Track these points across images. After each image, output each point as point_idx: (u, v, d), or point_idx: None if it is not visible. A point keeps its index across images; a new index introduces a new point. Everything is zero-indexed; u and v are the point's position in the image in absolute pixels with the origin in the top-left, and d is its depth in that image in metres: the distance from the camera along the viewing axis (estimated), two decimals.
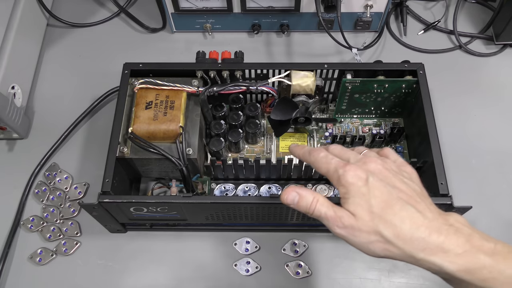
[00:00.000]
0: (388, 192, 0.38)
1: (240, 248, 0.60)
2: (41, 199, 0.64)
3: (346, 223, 0.38)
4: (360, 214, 0.37)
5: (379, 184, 0.38)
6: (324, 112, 0.69)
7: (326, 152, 0.42)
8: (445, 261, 0.36)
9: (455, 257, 0.35)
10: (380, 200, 0.37)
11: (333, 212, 0.39)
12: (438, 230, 0.36)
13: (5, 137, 0.69)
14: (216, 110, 0.62)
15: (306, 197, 0.40)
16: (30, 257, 0.61)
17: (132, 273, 0.60)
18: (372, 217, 0.37)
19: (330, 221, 0.39)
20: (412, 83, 0.60)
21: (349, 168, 0.39)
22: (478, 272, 0.35)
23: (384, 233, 0.37)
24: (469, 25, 0.79)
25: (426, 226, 0.36)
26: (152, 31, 0.79)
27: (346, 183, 0.39)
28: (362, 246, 0.38)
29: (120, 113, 0.58)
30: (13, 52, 0.68)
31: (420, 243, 0.36)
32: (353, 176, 0.38)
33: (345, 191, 0.39)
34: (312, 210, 0.40)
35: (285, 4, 0.72)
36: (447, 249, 0.36)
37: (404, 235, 0.36)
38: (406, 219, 0.37)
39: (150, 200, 0.53)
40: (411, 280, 0.58)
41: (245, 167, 0.59)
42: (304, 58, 0.76)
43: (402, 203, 0.37)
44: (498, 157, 0.66)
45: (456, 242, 0.36)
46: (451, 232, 0.36)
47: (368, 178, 0.38)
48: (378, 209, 0.37)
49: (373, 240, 0.37)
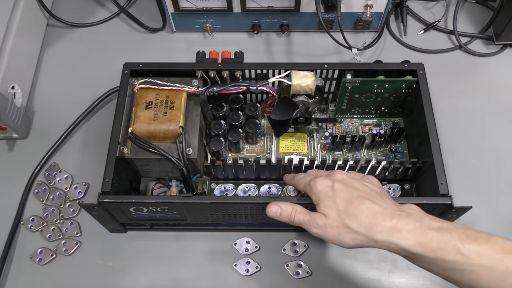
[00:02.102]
0: (349, 193, 0.46)
1: (240, 248, 0.60)
2: (41, 199, 0.64)
3: (319, 223, 0.46)
4: (329, 213, 0.45)
5: (343, 187, 0.46)
6: (324, 112, 0.69)
7: (305, 174, 0.52)
8: (400, 239, 0.42)
9: (407, 234, 0.42)
10: (343, 199, 0.45)
11: (309, 217, 0.47)
12: (391, 215, 0.44)
13: (5, 137, 0.69)
14: (216, 110, 0.62)
15: (286, 209, 0.49)
16: (30, 257, 0.61)
17: (132, 273, 0.60)
18: (339, 213, 0.45)
19: (308, 224, 0.47)
20: (412, 83, 0.60)
21: (318, 179, 0.48)
22: (428, 245, 0.41)
23: (350, 224, 0.44)
24: (469, 25, 0.79)
25: (381, 213, 0.44)
26: (152, 31, 0.79)
27: (316, 191, 0.47)
28: (334, 239, 0.45)
29: (120, 113, 0.58)
30: (13, 52, 0.68)
31: (377, 227, 0.43)
32: (321, 185, 0.47)
33: (316, 198, 0.47)
34: (293, 218, 0.48)
35: (285, 4, 0.72)
36: (399, 229, 0.42)
37: (364, 222, 0.44)
38: (365, 210, 0.44)
39: (150, 200, 0.53)
40: (411, 280, 0.58)
41: (245, 167, 0.59)
42: (304, 58, 0.76)
43: (361, 199, 0.45)
44: (498, 157, 0.66)
45: (407, 223, 0.43)
46: (403, 216, 0.43)
47: (334, 184, 0.46)
48: (342, 206, 0.45)
49: (342, 232, 0.44)
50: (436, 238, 0.41)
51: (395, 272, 0.59)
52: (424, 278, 0.58)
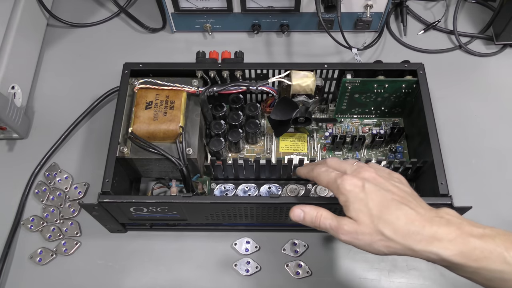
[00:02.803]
0: (383, 195, 0.42)
1: (240, 248, 0.60)
2: (41, 199, 0.64)
3: (348, 229, 0.42)
4: (361, 218, 0.41)
5: (374, 189, 0.42)
6: (324, 112, 0.69)
7: (326, 166, 0.47)
8: (440, 249, 0.39)
9: (448, 243, 0.39)
10: (377, 203, 0.41)
11: (336, 222, 0.43)
12: (430, 222, 0.40)
13: (5, 137, 0.69)
14: (216, 110, 0.62)
15: (310, 213, 0.45)
16: (30, 257, 0.61)
17: (132, 273, 0.60)
18: (372, 219, 0.41)
19: (335, 230, 0.43)
20: (412, 83, 0.60)
21: (346, 178, 0.43)
22: (471, 254, 0.38)
23: (384, 232, 0.40)
24: (469, 25, 0.79)
25: (419, 220, 0.40)
26: (152, 31, 0.79)
27: (345, 191, 0.42)
28: (366, 247, 0.42)
29: (120, 113, 0.58)
30: (13, 52, 0.68)
31: (416, 235, 0.40)
32: (351, 184, 0.42)
33: (344, 199, 0.43)
34: (318, 223, 0.44)
35: (285, 4, 0.72)
36: (440, 238, 0.39)
37: (402, 230, 0.40)
38: (402, 216, 0.41)
39: (150, 200, 0.53)
40: (411, 280, 0.58)
41: (245, 167, 0.59)
42: (304, 58, 0.76)
43: (396, 204, 0.41)
44: (498, 157, 0.66)
45: (447, 231, 0.40)
46: (442, 223, 0.40)
47: (364, 184, 0.42)
48: (376, 211, 0.41)
49: (376, 239, 0.41)
50: (480, 247, 0.38)
51: (395, 272, 0.59)
52: (424, 278, 0.59)
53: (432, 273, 0.59)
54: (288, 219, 0.57)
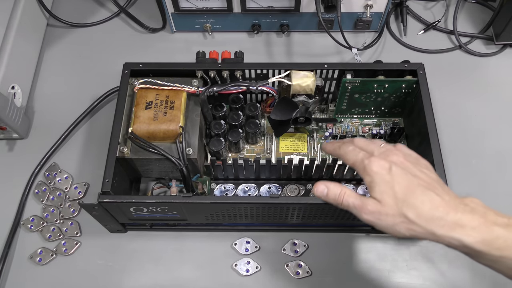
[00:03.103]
0: (409, 180, 0.42)
1: (240, 248, 0.60)
2: (41, 199, 0.64)
3: (372, 209, 0.42)
4: (386, 199, 0.42)
5: (401, 172, 0.43)
6: (324, 112, 0.69)
7: (353, 145, 0.47)
8: (463, 235, 0.39)
9: (471, 230, 0.39)
10: (402, 186, 0.42)
11: (359, 201, 0.43)
12: (454, 209, 0.41)
13: (5, 137, 0.69)
14: (216, 110, 0.62)
15: (333, 190, 0.46)
16: (30, 257, 0.61)
17: (132, 273, 0.60)
18: (396, 201, 0.41)
19: (358, 208, 0.43)
20: (412, 83, 0.60)
21: (374, 159, 0.44)
22: (494, 242, 0.39)
23: (408, 215, 0.41)
24: (469, 25, 0.79)
25: (444, 206, 0.41)
26: (152, 31, 0.79)
27: (371, 172, 0.43)
28: (388, 228, 0.42)
29: (120, 113, 0.58)
30: (13, 52, 0.68)
31: (439, 221, 0.40)
32: (378, 166, 0.43)
33: (370, 180, 0.43)
34: (341, 201, 0.45)
35: (285, 4, 0.72)
36: (463, 224, 0.40)
37: (425, 215, 0.41)
38: (426, 201, 0.41)
39: (150, 200, 0.53)
40: (411, 280, 0.58)
41: (245, 167, 0.59)
42: (304, 58, 0.76)
43: (422, 189, 0.42)
44: (498, 157, 0.66)
45: (471, 218, 0.40)
46: (467, 210, 0.41)
47: (391, 167, 0.43)
48: (401, 194, 0.42)
49: (398, 221, 0.41)
50: (503, 236, 0.39)
51: (395, 272, 0.59)
52: (424, 278, 0.59)
53: (432, 273, 0.59)
54: (288, 219, 0.57)
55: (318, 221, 0.58)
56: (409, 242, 0.61)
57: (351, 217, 0.56)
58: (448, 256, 0.60)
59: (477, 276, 0.58)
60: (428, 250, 0.60)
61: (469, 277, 0.58)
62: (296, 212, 0.55)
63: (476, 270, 0.59)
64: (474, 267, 0.59)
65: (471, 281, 0.58)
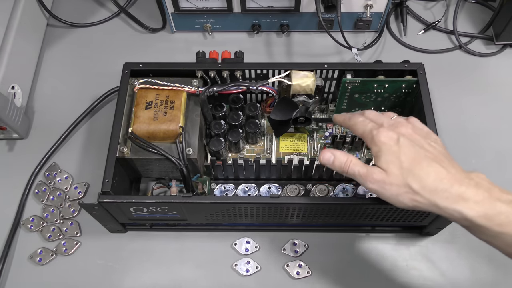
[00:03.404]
0: (416, 151, 0.43)
1: (240, 248, 0.60)
2: (41, 199, 0.64)
3: (377, 178, 0.43)
4: (391, 169, 0.42)
5: (409, 143, 0.43)
6: (324, 112, 0.69)
7: (364, 117, 0.48)
8: (465, 208, 0.40)
9: (474, 204, 0.40)
10: (409, 157, 0.42)
11: (365, 170, 0.44)
12: (459, 182, 0.41)
13: (5, 137, 0.69)
14: (216, 110, 0.62)
15: (340, 158, 0.46)
16: (30, 257, 0.61)
17: (132, 273, 0.60)
18: (402, 171, 0.42)
19: (363, 177, 0.44)
20: (412, 83, 0.60)
21: (382, 130, 0.44)
22: (495, 218, 0.39)
23: (412, 185, 0.41)
24: (469, 25, 0.79)
25: (449, 179, 0.41)
26: (152, 31, 0.79)
27: (379, 142, 0.44)
28: (392, 198, 0.43)
29: (120, 113, 0.58)
30: (13, 52, 0.68)
31: (443, 193, 0.40)
32: (386, 136, 0.44)
33: (377, 149, 0.44)
34: (347, 168, 0.45)
35: (285, 4, 0.72)
36: (467, 198, 0.40)
37: (430, 186, 0.41)
38: (432, 173, 0.41)
39: (150, 200, 0.53)
40: (411, 280, 0.58)
41: (245, 167, 0.59)
42: (304, 58, 0.76)
43: (428, 160, 0.42)
44: (498, 157, 0.66)
45: (475, 192, 0.40)
46: (471, 184, 0.41)
47: (399, 138, 0.43)
48: (407, 164, 0.42)
49: (402, 192, 0.42)
50: (505, 211, 0.39)
51: (395, 272, 0.59)
52: (424, 278, 0.59)
53: (432, 273, 0.59)
54: (288, 219, 0.57)
55: (318, 221, 0.58)
56: (409, 242, 0.61)
57: (351, 217, 0.56)
58: (448, 256, 0.60)
59: (477, 276, 0.58)
60: (428, 250, 0.60)
61: (469, 277, 0.58)
62: (296, 212, 0.55)
63: (476, 270, 0.59)
64: (474, 267, 0.59)
65: (471, 281, 0.58)
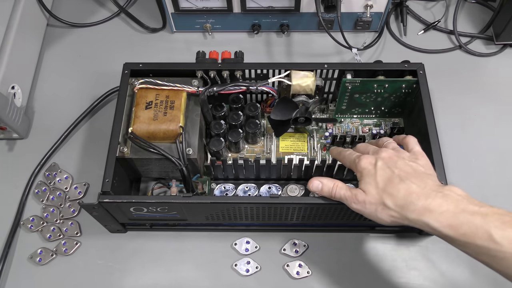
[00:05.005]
0: (390, 172, 0.47)
1: (240, 248, 0.60)
2: (41, 199, 0.64)
3: (360, 199, 0.47)
4: (369, 190, 0.47)
5: (384, 166, 0.47)
6: (324, 112, 0.69)
7: (352, 150, 0.53)
8: (431, 219, 0.43)
9: (439, 215, 0.42)
10: (384, 178, 0.47)
11: (350, 193, 0.48)
12: (426, 196, 0.44)
13: (5, 137, 0.69)
14: (216, 110, 0.62)
15: (327, 184, 0.51)
16: (30, 257, 0.61)
17: (132, 273, 0.60)
18: (378, 191, 0.46)
19: (348, 199, 0.48)
20: (412, 83, 0.60)
21: (363, 157, 0.49)
22: (458, 228, 0.41)
23: (386, 202, 0.45)
24: (469, 25, 0.79)
25: (417, 193, 0.44)
26: (152, 31, 0.79)
27: (360, 168, 0.48)
28: (372, 215, 0.47)
29: (120, 113, 0.58)
30: (13, 52, 0.68)
31: (411, 206, 0.44)
32: (365, 162, 0.48)
33: (359, 175, 0.49)
34: (334, 193, 0.50)
35: (285, 4, 0.72)
36: (432, 209, 0.43)
37: (400, 202, 0.45)
38: (402, 190, 0.45)
39: (150, 200, 0.53)
40: (411, 280, 0.58)
41: (245, 167, 0.59)
42: (304, 58, 0.76)
43: (399, 179, 0.46)
44: (498, 157, 0.66)
45: (440, 203, 0.43)
46: (438, 196, 0.44)
47: (377, 162, 0.48)
48: (382, 184, 0.46)
49: (380, 209, 0.46)
50: (467, 222, 0.41)
51: (395, 272, 0.59)
52: (424, 278, 0.59)
53: (432, 273, 0.59)
54: (288, 219, 0.57)
55: (318, 221, 0.58)
56: (409, 242, 0.61)
57: (351, 217, 0.56)
58: (448, 256, 0.60)
59: (477, 276, 0.58)
60: (428, 250, 0.60)
61: (469, 277, 0.58)
62: (296, 212, 0.55)
63: (476, 270, 0.59)
64: (474, 267, 0.59)
65: (471, 281, 0.58)
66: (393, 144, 0.52)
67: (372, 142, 0.55)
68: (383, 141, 0.53)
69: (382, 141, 0.53)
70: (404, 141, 0.53)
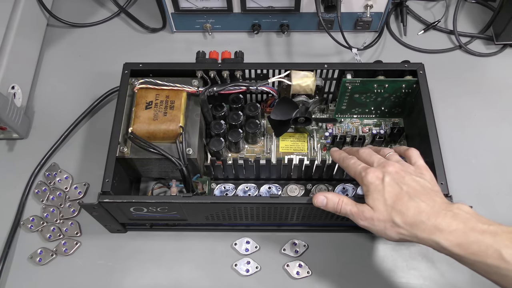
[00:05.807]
0: (399, 188, 0.46)
1: (240, 248, 0.60)
2: (41, 199, 0.64)
3: (367, 215, 0.47)
4: (377, 206, 0.46)
5: (392, 182, 0.47)
6: (324, 112, 0.69)
7: (356, 159, 0.52)
8: (441, 238, 0.43)
9: (448, 234, 0.42)
10: (392, 195, 0.46)
11: (356, 209, 0.48)
12: (436, 214, 0.44)
13: (5, 137, 0.69)
14: (216, 110, 0.62)
15: (332, 200, 0.49)
16: (30, 257, 0.61)
17: (132, 273, 0.60)
18: (386, 208, 0.46)
19: (355, 215, 0.48)
20: (412, 83, 0.60)
21: (370, 171, 0.48)
22: (468, 247, 0.41)
23: (395, 220, 0.45)
24: (469, 25, 0.79)
25: (427, 212, 0.44)
26: (152, 31, 0.79)
27: (367, 182, 0.47)
28: (380, 232, 0.46)
29: (120, 113, 0.58)
30: (13, 52, 0.68)
31: (421, 225, 0.44)
32: (372, 177, 0.47)
33: (366, 189, 0.48)
34: (339, 209, 0.49)
35: (285, 4, 0.72)
36: (442, 229, 0.43)
37: (410, 220, 0.44)
38: (411, 208, 0.45)
39: (150, 200, 0.53)
40: (411, 280, 0.58)
41: (245, 167, 0.59)
42: (304, 58, 0.76)
43: (409, 196, 0.45)
44: (498, 157, 0.66)
45: (450, 223, 0.43)
46: (448, 215, 0.43)
47: (384, 177, 0.47)
48: (390, 201, 0.46)
49: (388, 226, 0.45)
50: (477, 241, 0.41)
51: (395, 272, 0.59)
52: (424, 278, 0.59)
53: (432, 273, 0.59)
54: (288, 219, 0.57)
55: (318, 221, 0.58)
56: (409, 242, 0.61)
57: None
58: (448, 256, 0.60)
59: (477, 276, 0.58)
60: (428, 250, 0.60)
61: (469, 277, 0.58)
62: (296, 212, 0.55)
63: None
64: None
65: (471, 281, 0.58)
66: (396, 157, 0.51)
67: (377, 149, 0.53)
68: (385, 153, 0.52)
69: (384, 153, 0.52)
70: (406, 154, 0.52)
